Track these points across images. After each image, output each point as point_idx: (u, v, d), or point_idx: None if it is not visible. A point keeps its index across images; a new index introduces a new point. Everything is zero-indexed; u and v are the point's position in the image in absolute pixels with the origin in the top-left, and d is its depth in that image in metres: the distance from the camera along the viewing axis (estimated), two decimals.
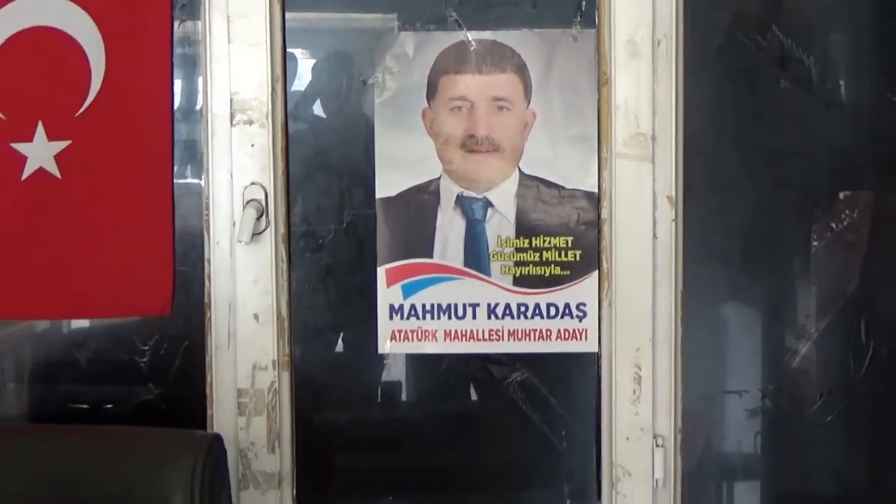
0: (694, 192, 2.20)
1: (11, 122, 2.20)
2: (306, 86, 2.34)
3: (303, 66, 2.33)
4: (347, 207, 2.27)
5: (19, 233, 2.24)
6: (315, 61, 2.38)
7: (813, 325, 2.33)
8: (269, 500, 2.24)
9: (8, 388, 2.44)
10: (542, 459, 2.35)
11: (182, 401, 2.30)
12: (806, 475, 2.38)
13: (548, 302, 2.20)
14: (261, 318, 2.22)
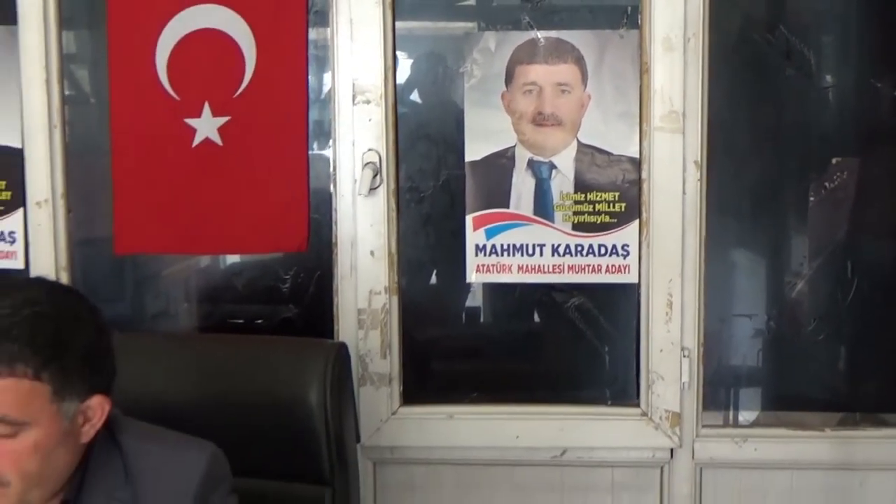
0: (715, 158, 2.29)
1: (184, 102, 2.31)
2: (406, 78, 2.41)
3: (405, 64, 2.41)
4: (443, 169, 2.36)
5: (190, 188, 2.34)
6: (413, 60, 2.44)
7: (808, 264, 2.41)
8: (382, 395, 2.35)
9: (182, 307, 2.55)
10: (592, 366, 2.44)
11: (315, 318, 2.39)
12: (800, 382, 2.47)
13: (599, 243, 2.28)
14: (376, 255, 2.32)
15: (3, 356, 1.27)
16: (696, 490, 2.37)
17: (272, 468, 1.82)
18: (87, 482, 1.43)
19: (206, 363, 1.96)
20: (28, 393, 1.30)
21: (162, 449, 1.48)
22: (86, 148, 2.46)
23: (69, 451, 1.38)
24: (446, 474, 2.41)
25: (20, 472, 1.32)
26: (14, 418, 1.29)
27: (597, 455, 2.37)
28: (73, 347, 1.34)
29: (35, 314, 1.32)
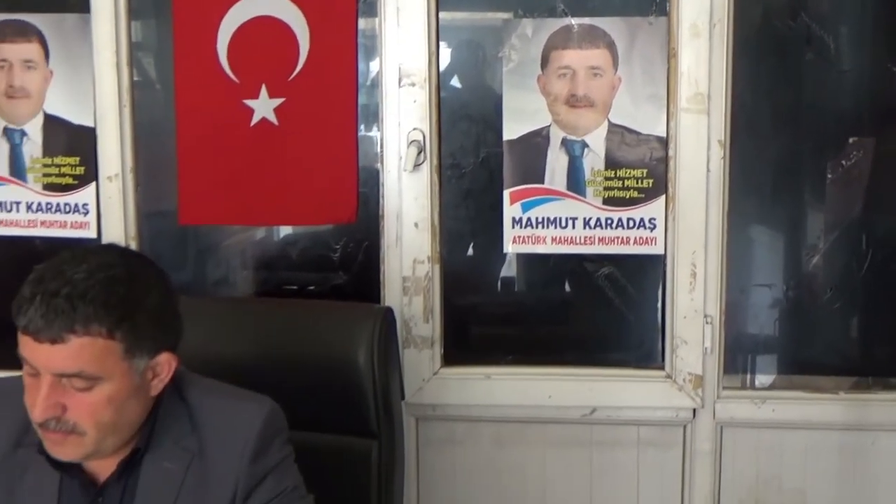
0: (738, 138, 2.28)
1: (243, 84, 2.33)
2: (449, 63, 2.42)
3: (448, 51, 2.41)
4: (482, 147, 2.36)
5: (248, 164, 2.35)
6: (455, 46, 2.45)
7: (825, 237, 2.40)
8: (424, 356, 2.37)
9: (240, 275, 2.57)
10: (620, 331, 2.45)
11: (363, 284, 2.41)
12: (816, 348, 2.46)
13: (627, 217, 2.29)
14: (419, 226, 2.33)
15: (79, 317, 1.31)
16: (716, 447, 2.38)
17: (324, 422, 1.85)
18: (156, 432, 1.47)
19: (264, 326, 2.00)
20: (102, 351, 1.34)
21: (224, 402, 1.51)
22: (152, 128, 2.48)
23: (140, 403, 1.43)
24: (484, 430, 2.43)
25: (95, 422, 1.37)
26: (90, 373, 1.34)
27: (624, 414, 2.38)
28: (143, 309, 1.38)
29: (109, 278, 1.36)
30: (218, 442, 1.47)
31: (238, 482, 1.44)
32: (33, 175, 2.50)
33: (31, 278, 1.35)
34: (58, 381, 1.34)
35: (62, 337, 1.30)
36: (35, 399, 1.34)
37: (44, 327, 1.30)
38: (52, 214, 2.51)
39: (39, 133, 2.49)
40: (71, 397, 1.35)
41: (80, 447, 1.39)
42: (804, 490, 2.37)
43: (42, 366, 1.33)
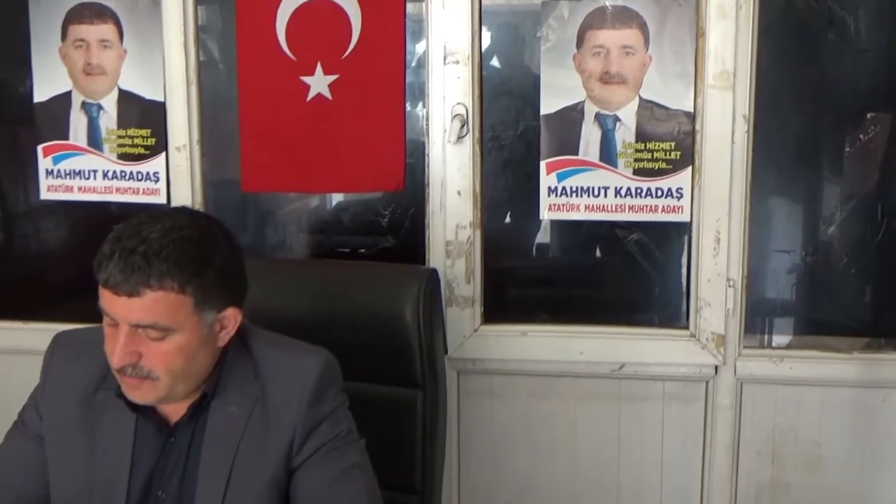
0: (762, 113, 2.25)
1: (300, 62, 2.33)
2: (490, 43, 2.40)
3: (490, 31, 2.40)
4: (521, 120, 2.35)
5: (304, 136, 2.36)
6: (496, 27, 2.43)
7: (842, 207, 2.38)
8: (465, 314, 2.38)
9: (298, 238, 2.60)
10: (647, 293, 2.45)
11: (409, 248, 2.42)
12: (831, 310, 2.45)
13: (656, 186, 2.27)
14: (462, 194, 2.34)
15: (154, 273, 1.34)
16: (736, 402, 2.38)
17: (374, 374, 1.88)
18: (222, 379, 1.49)
19: (319, 285, 2.02)
20: (174, 304, 1.36)
21: (284, 353, 1.53)
22: (216, 104, 2.50)
23: (208, 353, 1.45)
24: (520, 384, 2.44)
25: (167, 369, 1.39)
26: (163, 325, 1.36)
27: (650, 370, 2.38)
28: (212, 267, 1.40)
29: (181, 238, 1.38)
30: (278, 389, 1.49)
31: (296, 426, 1.47)
32: (109, 145, 2.54)
33: (110, 237, 1.38)
34: (134, 331, 1.37)
35: (138, 291, 1.33)
36: (114, 347, 1.37)
37: (122, 282, 1.33)
38: (125, 182, 2.55)
39: (114, 107, 2.52)
40: (146, 346, 1.38)
41: (154, 392, 1.42)
42: (819, 442, 2.36)
43: (120, 317, 1.36)
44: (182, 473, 1.48)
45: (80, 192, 2.54)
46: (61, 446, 1.52)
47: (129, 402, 1.46)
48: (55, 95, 2.55)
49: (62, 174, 2.57)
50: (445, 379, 2.00)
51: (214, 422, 1.45)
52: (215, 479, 1.46)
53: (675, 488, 2.45)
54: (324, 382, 1.50)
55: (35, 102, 2.56)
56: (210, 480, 1.46)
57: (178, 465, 1.48)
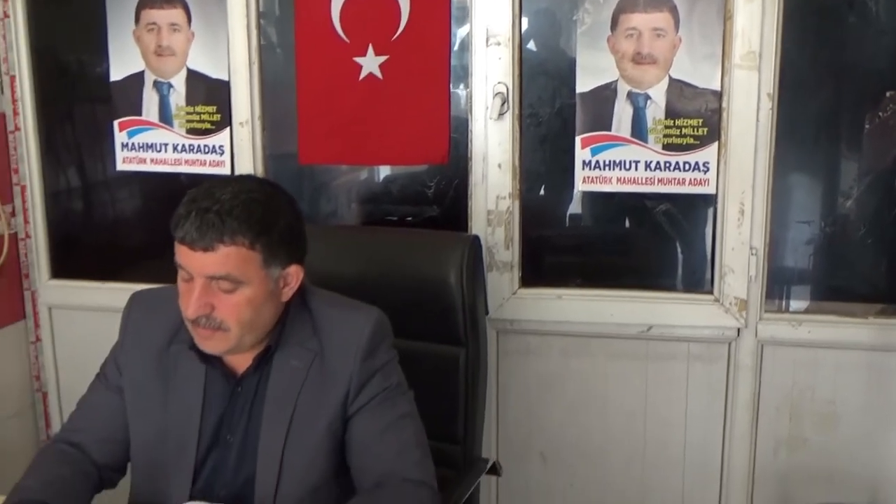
0: (785, 91, 2.22)
1: (353, 44, 2.34)
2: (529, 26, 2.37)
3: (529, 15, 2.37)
4: (558, 98, 2.32)
5: (357, 113, 2.37)
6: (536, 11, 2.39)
7: (861, 180, 2.34)
8: (505, 278, 2.39)
9: (349, 208, 2.61)
10: (674, 260, 2.43)
11: (453, 216, 2.41)
12: (848, 278, 2.41)
13: (684, 160, 2.25)
14: (502, 167, 2.34)
15: (227, 230, 1.36)
16: (757, 363, 2.36)
17: (421, 332, 1.88)
18: (285, 333, 1.52)
19: (370, 250, 2.05)
20: (245, 259, 1.39)
21: (340, 311, 1.55)
22: (274, 84, 2.51)
23: (273, 306, 1.47)
24: (554, 343, 2.45)
25: (238, 320, 1.42)
26: (235, 277, 1.39)
27: (676, 332, 2.37)
28: (277, 226, 1.43)
29: (250, 199, 1.40)
30: (335, 344, 1.51)
31: (351, 378, 1.49)
32: (178, 121, 2.56)
33: (186, 199, 1.41)
34: (208, 284, 1.39)
35: (213, 246, 1.35)
36: (189, 300, 1.40)
37: (198, 238, 1.35)
38: (193, 154, 2.57)
39: (183, 85, 2.54)
40: (218, 298, 1.40)
41: (225, 342, 1.44)
42: (834, 401, 2.34)
43: (196, 271, 1.39)
44: (248, 419, 1.51)
45: (151, 164, 2.58)
46: (139, 396, 1.56)
47: (200, 354, 1.49)
48: (129, 75, 2.58)
49: (136, 147, 2.60)
50: (486, 338, 2.00)
51: (277, 373, 1.47)
52: (278, 425, 1.49)
53: (697, 442, 2.45)
54: (376, 338, 1.52)
55: (111, 81, 2.60)
56: (273, 425, 1.49)
57: (244, 412, 1.51)
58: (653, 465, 2.48)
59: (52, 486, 1.44)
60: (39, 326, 2.79)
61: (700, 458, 2.45)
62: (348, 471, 1.50)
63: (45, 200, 2.72)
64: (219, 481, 1.52)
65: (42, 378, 2.83)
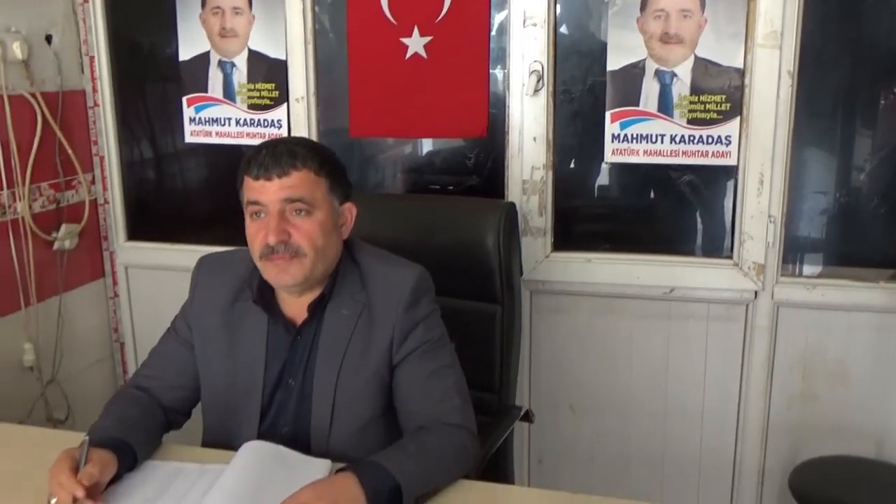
0: (805, 69, 2.18)
1: (400, 25, 2.33)
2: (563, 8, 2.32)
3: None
4: (589, 76, 2.30)
5: (403, 89, 2.36)
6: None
7: (876, 154, 2.28)
8: (538, 243, 2.38)
9: (396, 177, 2.60)
10: (696, 228, 2.40)
11: (491, 185, 2.41)
12: (861, 245, 2.36)
13: (707, 134, 2.22)
14: (537, 140, 2.32)
15: (298, 157, 1.42)
16: (773, 323, 2.34)
17: (461, 291, 1.87)
18: (336, 286, 1.53)
19: (414, 215, 2.04)
20: (315, 183, 1.43)
21: (386, 265, 1.55)
22: (327, 66, 2.51)
23: (336, 240, 1.50)
24: (583, 303, 2.44)
25: (313, 245, 1.44)
26: (308, 199, 1.43)
27: (697, 293, 2.35)
28: (335, 163, 1.49)
29: (310, 142, 1.51)
30: (381, 296, 1.51)
31: (395, 327, 1.48)
32: (240, 97, 2.58)
33: (255, 148, 1.44)
34: (283, 212, 1.40)
35: (287, 171, 1.39)
36: (266, 230, 1.42)
37: (273, 165, 1.39)
38: (254, 128, 2.58)
39: (245, 64, 2.55)
40: (293, 225, 1.41)
41: (301, 268, 1.44)
42: (845, 360, 2.31)
43: (272, 198, 1.40)
44: (306, 365, 1.52)
45: (216, 137, 2.60)
46: (208, 348, 1.58)
47: (263, 306, 1.51)
48: (196, 55, 2.60)
49: (202, 121, 2.62)
50: (521, 297, 2.00)
51: (330, 322, 1.48)
52: (330, 370, 1.50)
53: (715, 396, 2.43)
54: (418, 291, 1.52)
55: (180, 61, 2.62)
56: (326, 370, 1.51)
57: (303, 359, 1.52)
58: (673, 417, 2.47)
59: (126, 425, 1.47)
60: (117, 284, 2.84)
61: (717, 412, 2.44)
62: (395, 412, 1.50)
63: (121, 170, 2.76)
64: (282, 421, 1.54)
65: (119, 330, 2.89)
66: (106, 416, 1.51)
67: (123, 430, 1.44)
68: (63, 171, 2.59)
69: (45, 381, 2.58)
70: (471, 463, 1.46)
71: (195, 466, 1.45)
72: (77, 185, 2.66)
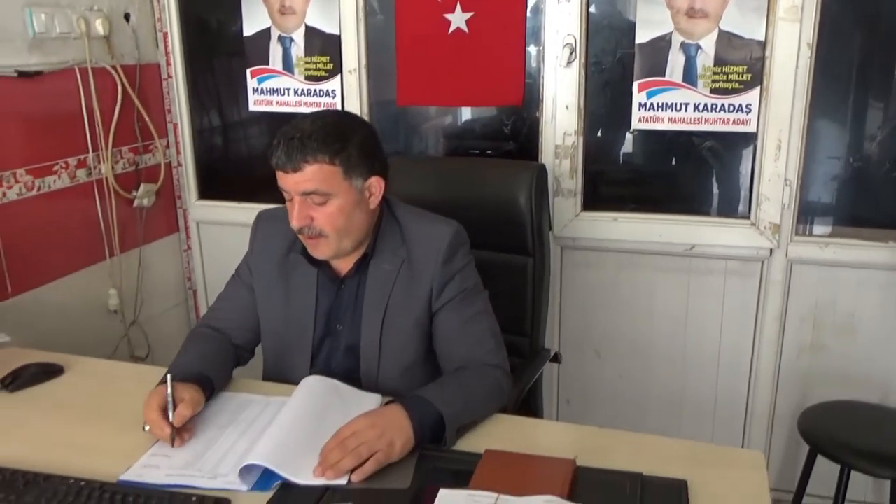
0: (824, 41, 2.13)
1: (444, 2, 2.31)
2: None
3: None
4: (619, 48, 2.25)
5: (446, 62, 2.35)
6: None
7: (888, 122, 2.21)
8: (569, 203, 2.38)
9: (439, 143, 2.59)
10: (717, 190, 2.36)
11: (526, 150, 2.39)
12: (872, 207, 2.30)
13: (729, 103, 2.18)
14: (569, 108, 2.31)
15: (309, 151, 1.38)
16: (786, 278, 2.31)
17: (496, 244, 1.88)
18: (378, 242, 1.54)
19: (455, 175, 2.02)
20: (328, 173, 1.40)
21: (424, 223, 1.56)
22: (375, 43, 2.49)
23: (363, 214, 1.48)
24: (609, 259, 2.43)
25: (333, 227, 1.44)
26: (323, 190, 1.41)
27: (716, 251, 2.33)
28: (353, 144, 1.42)
29: (325, 124, 1.41)
30: (420, 251, 1.52)
31: (434, 279, 1.50)
32: (298, 69, 2.59)
33: (279, 133, 1.42)
34: (304, 199, 1.42)
35: (300, 166, 1.37)
36: (293, 214, 1.44)
37: (287, 161, 1.37)
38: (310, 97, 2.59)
39: (302, 39, 2.56)
40: (315, 210, 1.43)
41: (327, 247, 1.47)
42: (853, 313, 2.29)
43: (291, 189, 1.40)
44: (352, 312, 1.55)
45: (277, 105, 2.61)
46: (266, 294, 1.61)
47: (311, 260, 1.53)
48: (259, 31, 2.60)
49: (264, 91, 2.64)
50: (551, 251, 2.00)
51: (373, 275, 1.50)
52: (375, 317, 1.52)
53: (731, 345, 2.43)
54: (454, 245, 1.52)
55: (244, 36, 2.63)
56: (371, 318, 1.53)
57: (348, 306, 1.55)
58: (691, 364, 2.46)
59: (204, 360, 1.51)
60: (190, 238, 2.90)
61: (732, 359, 2.43)
62: (435, 355, 1.52)
63: (193, 136, 2.80)
64: (332, 360, 1.57)
65: (192, 279, 2.96)
66: (186, 352, 1.55)
67: (205, 365, 1.49)
68: (141, 137, 2.64)
69: (127, 323, 2.65)
70: (505, 399, 1.48)
71: (261, 398, 1.50)
72: (153, 149, 2.70)
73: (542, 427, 1.53)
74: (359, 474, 1.22)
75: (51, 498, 1.17)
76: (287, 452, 1.25)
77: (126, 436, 1.37)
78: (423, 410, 1.31)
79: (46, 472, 1.24)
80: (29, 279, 2.25)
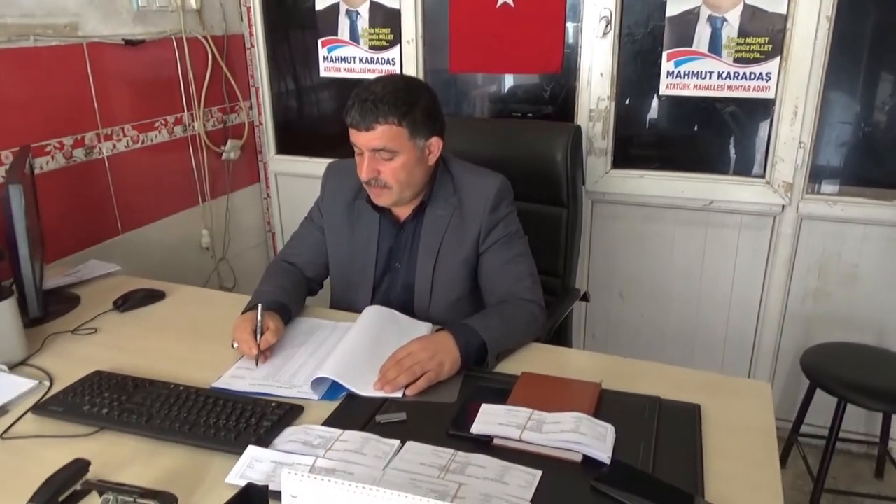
0: (841, 14, 2.02)
1: None
2: None
3: None
4: (650, 21, 2.18)
5: (494, 33, 2.32)
6: None
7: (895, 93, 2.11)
8: (600, 161, 2.34)
9: (485, 106, 2.53)
10: (735, 150, 2.28)
11: (563, 113, 2.34)
12: (880, 168, 2.19)
13: (750, 71, 2.10)
14: (603, 75, 2.25)
15: (381, 113, 1.38)
16: (796, 232, 2.25)
17: (534, 196, 1.85)
18: (433, 192, 1.54)
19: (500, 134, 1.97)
20: (396, 133, 1.40)
21: (474, 175, 1.55)
22: (432, 14, 2.44)
23: (422, 169, 1.48)
24: (636, 211, 2.39)
25: (396, 180, 1.44)
26: (390, 148, 1.40)
27: (733, 206, 2.27)
28: (418, 108, 1.41)
29: (395, 89, 1.40)
30: (470, 200, 1.52)
31: (481, 225, 1.51)
32: (363, 39, 2.55)
33: (353, 94, 1.42)
34: (373, 155, 1.42)
35: (371, 126, 1.37)
36: (362, 167, 1.43)
37: (360, 121, 1.37)
38: (374, 65, 2.56)
39: (367, 12, 2.51)
40: (382, 165, 1.43)
41: (389, 196, 1.47)
42: (857, 264, 2.22)
43: (363, 146, 1.41)
44: (409, 252, 1.56)
45: (344, 72, 2.59)
46: (335, 233, 1.63)
47: (375, 206, 1.53)
48: (329, 5, 2.56)
49: (333, 59, 2.61)
50: (583, 203, 1.97)
51: (428, 220, 1.50)
52: (429, 257, 1.54)
53: (742, 290, 2.38)
54: (500, 196, 1.52)
55: (317, 10, 2.60)
56: (426, 257, 1.54)
57: (406, 246, 1.56)
58: (706, 304, 2.43)
59: (282, 290, 1.54)
60: (269, 187, 2.93)
61: (743, 302, 2.38)
62: (480, 291, 1.53)
63: (272, 98, 2.80)
64: (391, 294, 1.59)
65: (271, 222, 2.99)
66: (267, 283, 1.58)
67: (283, 295, 1.52)
68: (228, 98, 2.65)
69: (217, 259, 2.70)
70: (539, 330, 1.48)
71: (330, 323, 1.53)
72: (238, 110, 2.72)
73: (571, 355, 1.53)
74: (412, 389, 1.24)
75: (155, 399, 1.22)
76: (352, 369, 1.28)
77: (217, 351, 1.42)
78: (468, 337, 1.32)
79: (151, 378, 1.30)
80: (135, 219, 2.31)
